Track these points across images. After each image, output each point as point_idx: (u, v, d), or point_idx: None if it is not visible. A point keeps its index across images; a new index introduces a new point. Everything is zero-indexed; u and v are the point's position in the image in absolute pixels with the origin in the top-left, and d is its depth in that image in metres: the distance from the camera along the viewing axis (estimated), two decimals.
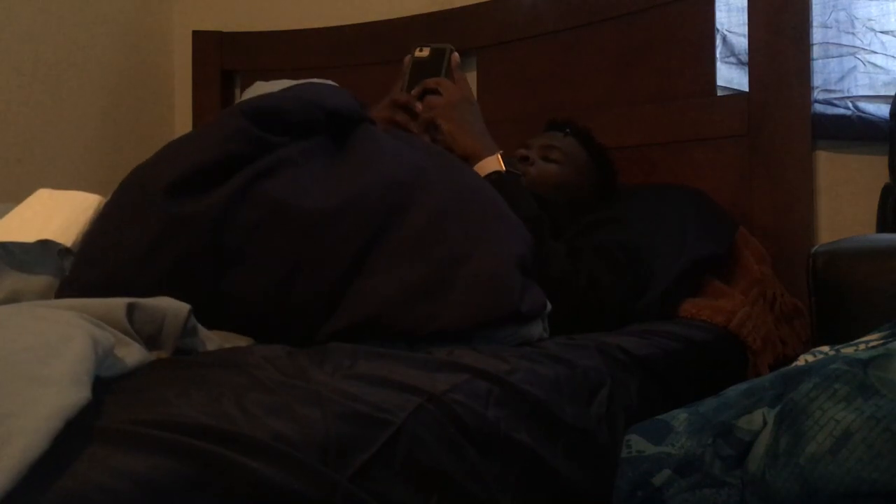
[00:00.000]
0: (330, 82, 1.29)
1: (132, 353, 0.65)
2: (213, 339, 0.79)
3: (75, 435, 0.48)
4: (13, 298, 0.89)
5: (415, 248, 0.95)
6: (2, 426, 0.45)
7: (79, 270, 0.91)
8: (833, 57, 1.72)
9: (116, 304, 0.68)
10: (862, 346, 0.81)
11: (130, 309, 0.69)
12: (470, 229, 0.99)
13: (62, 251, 1.04)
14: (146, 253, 0.86)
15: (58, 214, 1.15)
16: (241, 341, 0.86)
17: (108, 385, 0.59)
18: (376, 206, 0.95)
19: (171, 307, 0.72)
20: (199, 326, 0.77)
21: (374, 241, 0.94)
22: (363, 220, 0.94)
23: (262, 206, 0.90)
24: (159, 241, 0.86)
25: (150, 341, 0.71)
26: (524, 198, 1.25)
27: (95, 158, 2.22)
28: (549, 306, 1.04)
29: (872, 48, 1.71)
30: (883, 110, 1.60)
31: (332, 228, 0.92)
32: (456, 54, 1.43)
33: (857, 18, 1.72)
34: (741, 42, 1.79)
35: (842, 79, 1.71)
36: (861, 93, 1.70)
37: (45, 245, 1.04)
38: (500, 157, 1.32)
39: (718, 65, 1.79)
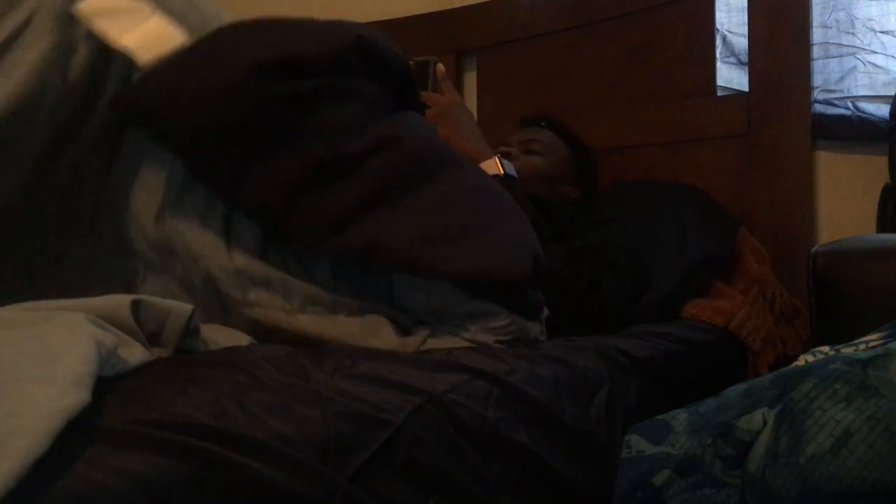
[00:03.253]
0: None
1: (135, 354, 0.65)
2: (213, 341, 0.80)
3: (76, 435, 0.48)
4: None
5: (439, 204, 0.93)
6: (3, 426, 0.45)
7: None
8: (833, 57, 1.72)
9: (121, 302, 0.68)
10: (862, 346, 0.81)
11: (135, 306, 0.69)
12: (495, 210, 0.98)
13: None
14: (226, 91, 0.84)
15: None
16: (242, 341, 0.86)
17: (108, 385, 0.59)
18: (411, 161, 0.94)
19: (175, 307, 0.72)
20: (202, 327, 0.78)
21: (401, 189, 0.92)
22: (399, 169, 0.92)
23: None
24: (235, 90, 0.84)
25: (152, 339, 0.71)
26: (521, 201, 1.24)
27: None
28: (545, 311, 1.04)
29: (872, 48, 1.71)
30: (883, 110, 1.60)
31: (366, 164, 0.90)
32: (441, 66, 1.41)
33: (857, 18, 1.72)
34: (741, 42, 1.79)
35: (842, 79, 1.71)
36: (861, 93, 1.70)
37: None
38: (497, 160, 1.32)
39: (718, 65, 1.79)
